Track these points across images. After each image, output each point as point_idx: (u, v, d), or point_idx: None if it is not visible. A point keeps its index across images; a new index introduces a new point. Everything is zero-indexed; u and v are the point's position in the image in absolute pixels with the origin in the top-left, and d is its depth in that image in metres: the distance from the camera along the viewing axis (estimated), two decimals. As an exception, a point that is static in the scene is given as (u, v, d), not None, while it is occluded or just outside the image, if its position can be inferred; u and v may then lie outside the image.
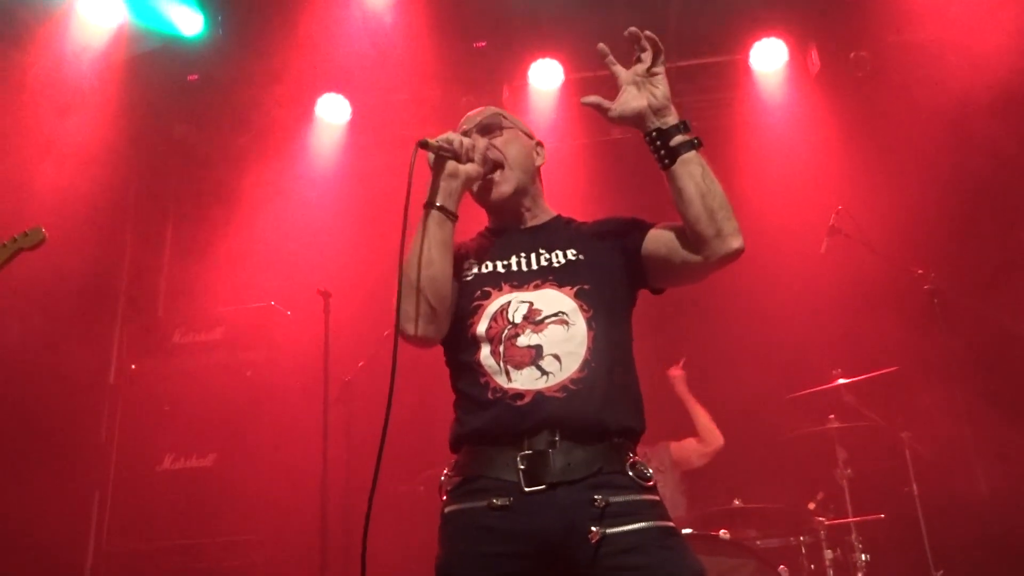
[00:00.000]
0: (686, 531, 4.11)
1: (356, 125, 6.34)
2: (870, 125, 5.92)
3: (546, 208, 2.43)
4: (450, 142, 2.16)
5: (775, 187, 5.91)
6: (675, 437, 5.23)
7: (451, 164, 2.16)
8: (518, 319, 2.11)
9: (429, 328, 2.15)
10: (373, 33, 5.76)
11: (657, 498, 2.05)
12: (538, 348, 2.06)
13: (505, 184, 2.31)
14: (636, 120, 2.20)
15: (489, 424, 2.05)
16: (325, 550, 4.51)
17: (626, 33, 2.19)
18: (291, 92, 6.03)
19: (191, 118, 6.28)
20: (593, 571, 1.93)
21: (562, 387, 2.02)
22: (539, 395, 2.02)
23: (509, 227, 2.37)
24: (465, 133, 2.32)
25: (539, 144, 2.47)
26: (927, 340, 4.91)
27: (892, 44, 5.89)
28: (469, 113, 2.44)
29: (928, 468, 4.73)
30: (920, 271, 4.93)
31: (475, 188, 2.29)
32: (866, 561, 4.40)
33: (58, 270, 4.98)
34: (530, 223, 2.37)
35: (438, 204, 2.15)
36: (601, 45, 2.23)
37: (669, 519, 2.03)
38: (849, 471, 4.62)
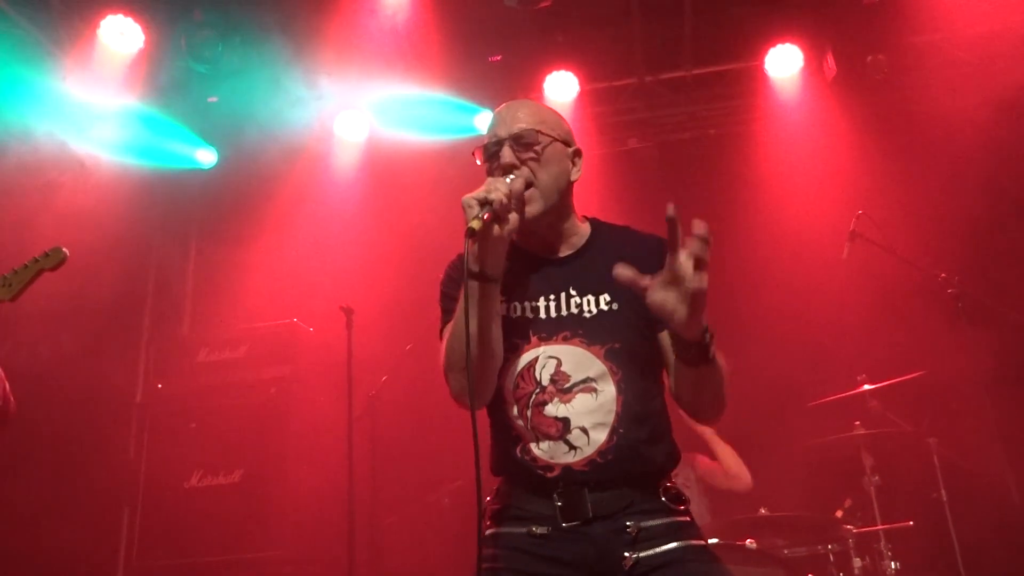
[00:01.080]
0: (712, 540, 4.08)
1: (375, 142, 6.39)
2: (888, 128, 5.90)
3: (577, 225, 2.28)
4: (489, 204, 1.97)
5: (794, 193, 5.90)
6: (703, 451, 5.17)
7: (495, 229, 1.99)
8: (545, 380, 2.09)
9: (485, 398, 2.14)
10: (389, 49, 5.82)
11: (690, 519, 2.11)
12: (566, 421, 2.06)
13: (533, 204, 2.15)
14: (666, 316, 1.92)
15: (521, 476, 2.10)
16: (352, 565, 4.52)
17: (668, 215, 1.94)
18: (310, 110, 6.10)
19: (212, 138, 6.35)
20: None
21: (589, 461, 2.05)
22: (567, 469, 2.05)
23: (538, 252, 2.25)
24: (499, 142, 2.17)
25: (576, 153, 2.29)
26: (952, 344, 4.86)
27: (908, 47, 5.87)
28: (507, 108, 2.26)
29: (957, 474, 4.68)
30: (943, 275, 4.88)
31: None
32: (896, 569, 4.34)
33: (84, 291, 5.05)
34: (561, 250, 2.24)
35: (492, 276, 2.02)
36: (671, 211, 1.93)
37: (702, 538, 2.08)
38: (876, 478, 4.57)
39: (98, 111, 5.52)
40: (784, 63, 6.04)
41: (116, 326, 5.71)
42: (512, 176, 2.11)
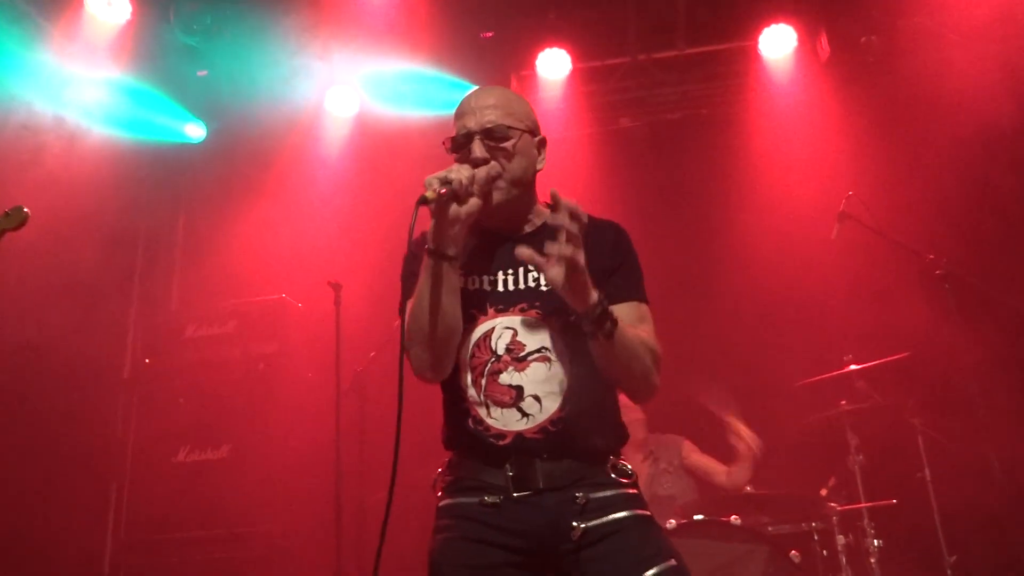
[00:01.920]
0: (698, 517, 4.11)
1: (365, 117, 6.35)
2: (880, 110, 5.89)
3: (538, 208, 2.33)
4: (448, 183, 2.02)
5: (785, 173, 5.90)
6: (693, 438, 5.16)
7: (453, 208, 2.04)
8: (501, 350, 2.14)
9: (446, 370, 2.17)
10: (380, 25, 5.77)
11: (636, 492, 2.18)
12: (519, 389, 2.11)
13: (499, 193, 2.19)
14: (557, 289, 2.00)
15: (473, 447, 2.14)
16: (340, 539, 4.55)
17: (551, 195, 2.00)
18: (300, 85, 6.05)
19: (200, 111, 6.30)
20: (576, 559, 2.07)
21: (541, 428, 2.09)
22: (519, 436, 2.10)
23: (498, 230, 2.28)
24: (468, 135, 2.19)
25: (542, 142, 2.33)
26: (939, 325, 4.89)
27: (902, 28, 5.85)
28: (475, 97, 2.27)
29: (940, 453, 4.72)
30: (931, 256, 4.90)
31: None
32: (879, 546, 4.39)
33: (71, 266, 5.04)
34: (522, 229, 2.30)
35: (448, 253, 2.07)
36: (552, 193, 2.00)
37: (646, 509, 2.16)
38: (861, 457, 4.61)
39: (85, 83, 5.46)
40: (778, 43, 6.02)
41: (103, 301, 5.68)
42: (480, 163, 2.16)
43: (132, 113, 5.85)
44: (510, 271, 2.23)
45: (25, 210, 3.19)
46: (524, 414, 2.10)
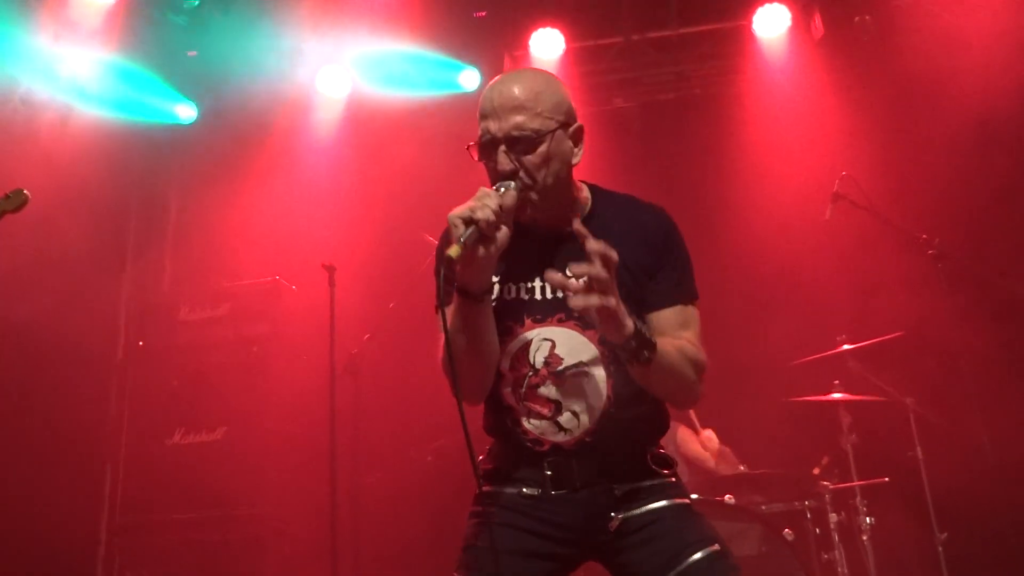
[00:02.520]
0: (692, 496, 4.14)
1: (357, 98, 6.31)
2: (874, 90, 5.88)
3: (576, 198, 2.18)
4: (476, 223, 1.88)
5: (779, 153, 5.89)
6: (689, 423, 5.17)
7: (481, 251, 1.91)
8: (539, 363, 2.08)
9: (483, 397, 2.15)
10: (373, 3, 5.73)
11: (675, 480, 2.15)
12: (557, 404, 2.07)
13: (531, 208, 2.06)
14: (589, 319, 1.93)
15: (512, 443, 2.12)
16: (334, 520, 4.56)
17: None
18: (291, 65, 6.00)
19: (192, 93, 6.25)
20: (616, 547, 2.06)
21: (578, 441, 2.07)
22: (556, 447, 2.08)
23: (534, 227, 2.12)
24: (493, 141, 2.03)
25: (579, 131, 2.12)
26: (932, 305, 4.91)
27: (896, 8, 5.84)
28: (499, 93, 2.06)
29: (932, 433, 4.75)
30: (924, 236, 4.91)
31: None
32: (871, 524, 4.43)
33: (63, 248, 5.01)
34: (559, 225, 2.12)
35: (480, 292, 1.98)
36: (576, 225, 1.89)
37: (687, 497, 2.13)
38: (854, 436, 4.63)
39: (75, 63, 5.41)
40: (772, 23, 5.98)
41: (96, 283, 5.65)
42: (504, 187, 1.99)
43: (123, 94, 5.79)
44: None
45: (25, 192, 3.18)
46: (562, 428, 2.07)
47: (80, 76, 5.45)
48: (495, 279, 2.10)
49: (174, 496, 5.09)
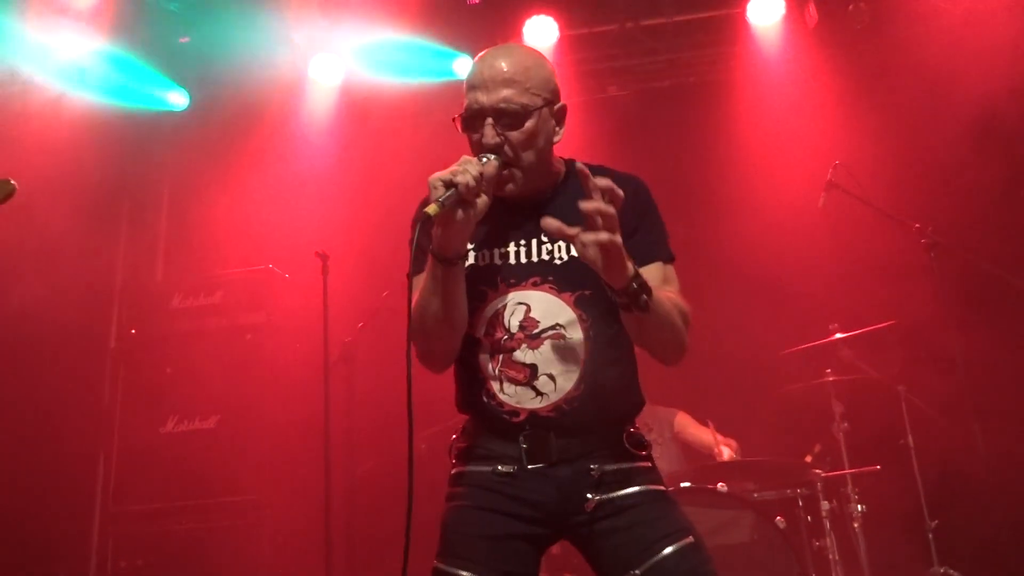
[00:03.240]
0: (684, 484, 4.17)
1: (350, 86, 6.28)
2: (868, 78, 5.88)
3: (552, 171, 2.20)
4: (453, 185, 1.90)
5: (773, 142, 5.89)
6: (688, 408, 5.18)
7: (459, 214, 1.93)
8: (514, 327, 2.08)
9: (449, 363, 2.16)
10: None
11: (650, 464, 2.15)
12: (533, 368, 2.06)
13: (512, 185, 2.08)
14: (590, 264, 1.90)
15: (486, 419, 2.11)
16: (328, 509, 4.57)
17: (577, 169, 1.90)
18: (284, 53, 5.97)
19: (184, 80, 6.21)
20: (589, 531, 2.06)
21: (555, 407, 2.06)
22: (533, 414, 2.06)
23: (509, 198, 2.14)
24: (480, 112, 2.04)
25: (562, 111, 2.15)
26: (924, 294, 4.93)
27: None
28: (488, 65, 2.07)
29: (924, 421, 4.78)
30: (917, 225, 4.92)
31: None
32: (862, 512, 4.47)
33: (56, 235, 4.98)
34: (533, 196, 2.15)
35: (455, 256, 1.99)
36: (579, 165, 1.90)
37: (661, 483, 2.14)
38: (845, 424, 4.66)
39: (66, 49, 5.36)
40: (766, 11, 5.96)
41: (88, 271, 5.63)
42: (487, 158, 2.01)
43: (114, 81, 5.76)
44: (523, 243, 2.14)
45: (12, 182, 3.14)
46: (538, 393, 2.05)
47: (72, 62, 5.41)
48: (470, 246, 2.12)
49: (167, 484, 5.09)
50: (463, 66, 6.15)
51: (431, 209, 1.87)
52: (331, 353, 4.84)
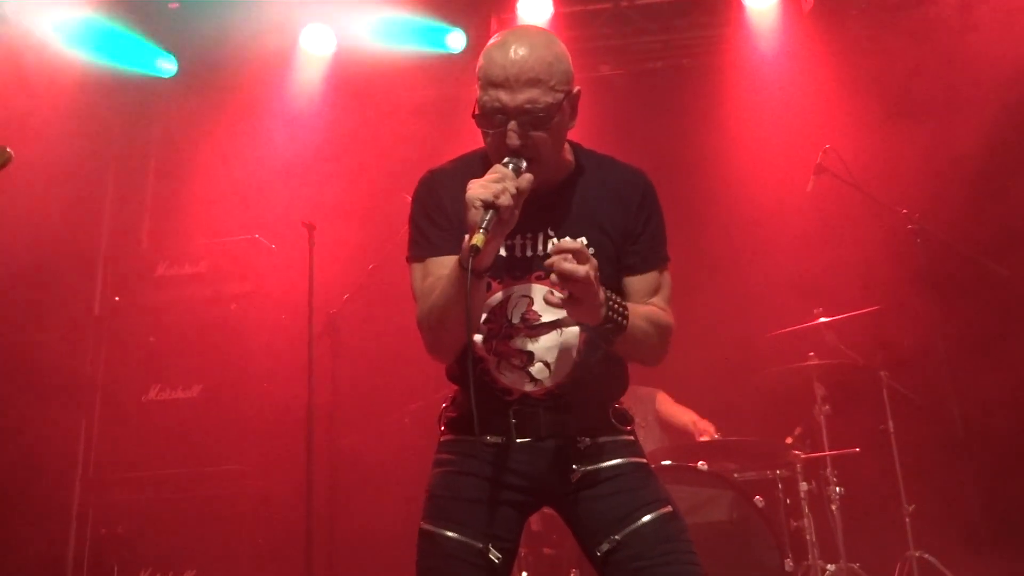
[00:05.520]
0: (665, 463, 4.19)
1: (341, 57, 6.22)
2: (862, 63, 5.87)
3: (561, 159, 2.15)
4: (495, 207, 1.84)
5: (764, 124, 5.89)
6: (671, 388, 5.20)
7: (498, 232, 1.89)
8: (516, 319, 2.10)
9: (453, 355, 2.16)
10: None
11: (633, 439, 2.22)
12: (530, 355, 2.09)
13: (532, 178, 1.97)
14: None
15: (478, 393, 2.06)
16: (310, 480, 4.58)
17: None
18: (275, 21, 5.91)
19: (173, 47, 6.14)
20: (573, 498, 2.12)
21: (548, 392, 2.10)
22: (525, 395, 2.11)
23: None
24: (503, 111, 1.96)
25: (577, 96, 2.09)
26: (909, 280, 4.95)
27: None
28: (510, 61, 1.96)
29: (904, 406, 4.82)
30: (904, 211, 4.94)
31: None
32: (840, 494, 4.51)
33: (40, 202, 4.93)
34: (541, 186, 2.05)
35: (484, 270, 1.95)
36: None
37: (643, 456, 2.20)
38: (827, 407, 4.69)
39: (52, 14, 5.29)
40: (762, -7, 5.95)
41: (73, 238, 5.58)
42: (522, 165, 1.94)
43: (101, 46, 5.68)
44: (528, 235, 2.11)
45: (8, 150, 3.09)
46: (533, 379, 2.09)
47: (59, 27, 5.33)
48: None
49: (149, 453, 5.07)
50: (457, 40, 6.10)
51: (478, 240, 1.81)
52: (316, 324, 4.82)
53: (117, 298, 5.53)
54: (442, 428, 2.24)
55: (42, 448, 5.07)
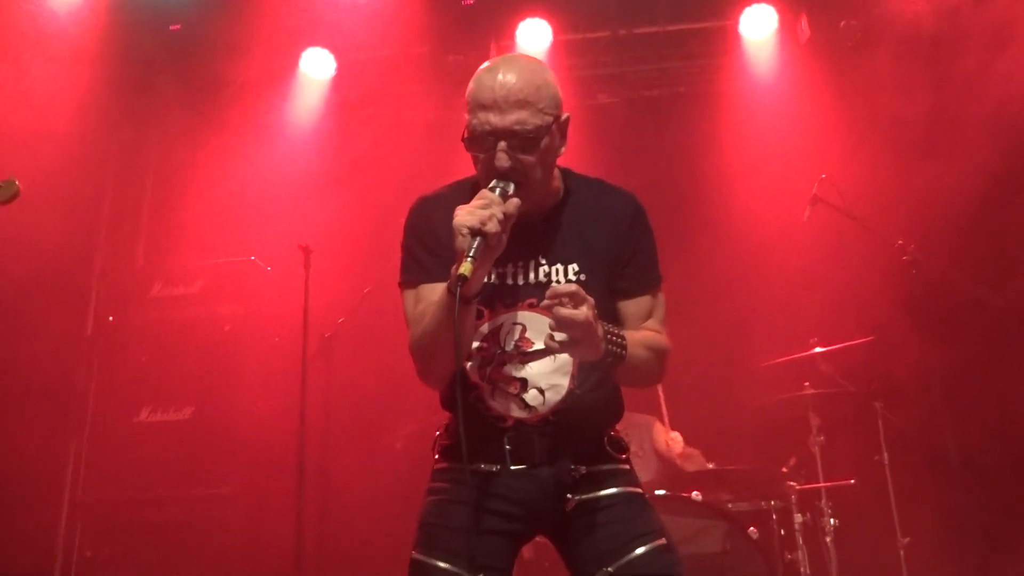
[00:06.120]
0: (659, 492, 4.16)
1: (341, 81, 6.25)
2: (857, 95, 5.90)
3: (551, 185, 2.16)
4: (483, 234, 1.86)
5: (761, 154, 5.92)
6: (661, 418, 5.16)
7: (485, 259, 1.91)
8: (509, 346, 2.10)
9: (445, 382, 2.15)
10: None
11: (628, 467, 2.21)
12: (523, 382, 2.09)
13: (521, 203, 1.98)
14: None
15: (472, 419, 2.08)
16: (301, 504, 4.53)
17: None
18: (275, 45, 5.94)
19: (173, 69, 6.16)
20: (567, 528, 2.11)
21: (543, 419, 2.09)
22: (520, 423, 2.10)
23: None
24: (493, 133, 1.98)
25: (566, 122, 2.11)
26: (905, 311, 4.95)
27: (882, 14, 5.85)
28: (498, 84, 1.98)
29: (899, 438, 4.80)
30: (900, 242, 4.95)
31: None
32: (835, 526, 4.48)
33: (36, 220, 4.91)
34: (532, 213, 2.08)
35: (473, 296, 1.97)
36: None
37: (638, 486, 2.19)
38: (822, 438, 4.68)
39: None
40: (759, 23, 5.99)
41: (68, 256, 5.56)
42: (509, 189, 1.96)
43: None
44: (520, 263, 2.12)
45: (17, 183, 3.09)
46: (527, 406, 2.09)
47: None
48: None
49: (138, 474, 5.03)
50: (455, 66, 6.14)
51: (466, 269, 1.83)
52: (310, 347, 4.81)
53: (111, 318, 5.51)
54: (436, 456, 2.23)
55: (30, 468, 5.02)
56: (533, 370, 2.09)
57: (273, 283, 5.46)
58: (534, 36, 6.02)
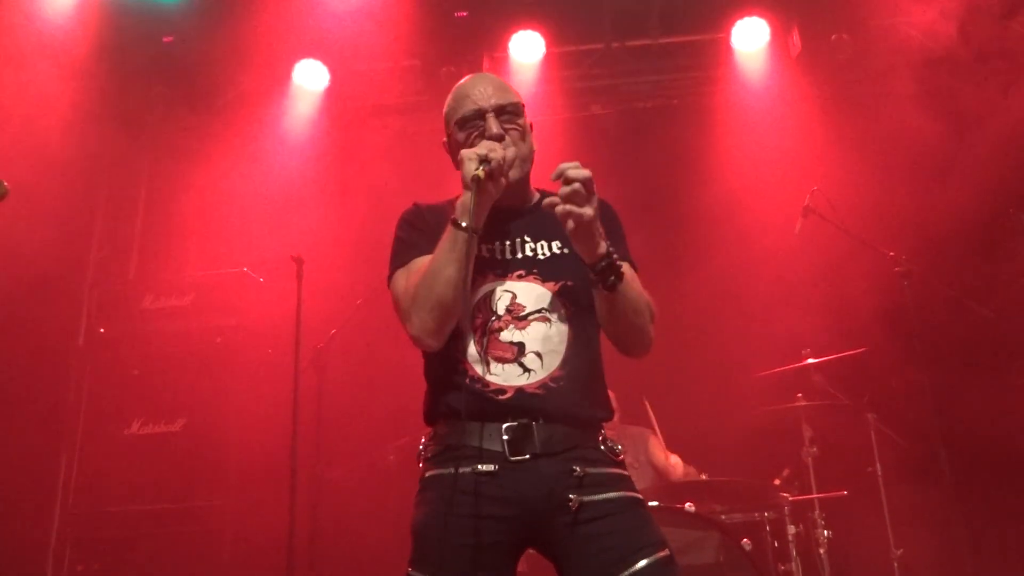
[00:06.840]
0: (652, 503, 4.15)
1: (333, 92, 6.26)
2: (848, 108, 5.95)
3: (531, 189, 2.39)
4: (488, 161, 2.10)
5: (752, 165, 5.95)
6: (660, 426, 5.18)
7: (490, 187, 2.11)
8: (501, 310, 2.17)
9: (445, 338, 2.16)
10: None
11: (626, 472, 2.20)
12: (520, 345, 2.14)
13: (514, 171, 2.23)
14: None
15: (470, 408, 2.10)
16: (293, 517, 4.51)
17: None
18: (268, 57, 5.95)
19: (166, 80, 6.16)
20: (571, 534, 2.06)
21: (542, 384, 2.12)
22: (520, 391, 2.11)
23: (497, 206, 2.23)
24: (480, 113, 2.24)
25: (531, 127, 2.38)
26: (896, 322, 4.97)
27: (873, 28, 5.90)
28: (472, 84, 2.31)
29: (892, 449, 4.81)
30: (892, 253, 4.97)
31: None
32: (828, 537, 4.48)
33: (28, 231, 4.91)
34: (517, 206, 2.32)
35: (477, 228, 2.11)
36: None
37: (637, 491, 2.19)
38: (815, 449, 4.68)
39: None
40: (750, 36, 6.03)
41: (60, 268, 5.55)
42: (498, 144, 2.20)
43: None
44: (507, 243, 2.27)
45: (5, 184, 3.08)
46: (526, 369, 2.12)
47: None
48: None
49: (129, 487, 5.01)
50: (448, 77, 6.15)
51: (480, 172, 2.05)
52: (302, 359, 4.79)
53: (102, 329, 5.50)
54: (422, 464, 2.20)
55: (20, 481, 4.99)
56: (529, 334, 2.14)
57: (265, 294, 5.45)
58: (527, 48, 6.04)
